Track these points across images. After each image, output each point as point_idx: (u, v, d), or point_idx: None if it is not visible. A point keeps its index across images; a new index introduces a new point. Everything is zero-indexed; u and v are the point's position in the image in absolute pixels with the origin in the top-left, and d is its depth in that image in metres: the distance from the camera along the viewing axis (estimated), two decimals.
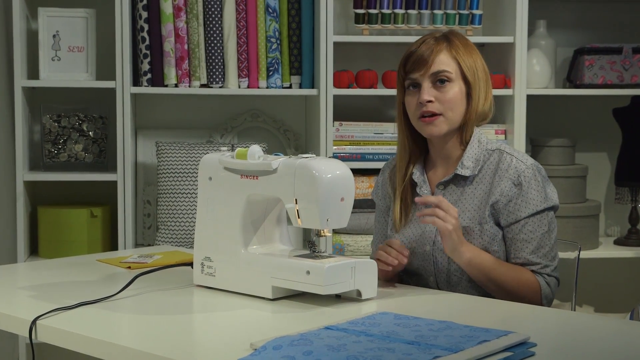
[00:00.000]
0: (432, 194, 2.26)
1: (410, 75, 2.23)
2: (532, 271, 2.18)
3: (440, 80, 2.19)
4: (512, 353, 1.58)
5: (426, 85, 2.20)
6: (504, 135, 3.57)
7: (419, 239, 2.24)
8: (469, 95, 2.22)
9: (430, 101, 2.19)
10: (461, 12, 3.54)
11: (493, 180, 2.20)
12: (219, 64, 3.45)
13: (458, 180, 2.24)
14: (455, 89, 2.20)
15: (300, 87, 3.54)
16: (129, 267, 2.36)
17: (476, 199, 2.20)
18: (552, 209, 2.21)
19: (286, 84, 3.53)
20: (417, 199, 2.14)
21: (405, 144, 2.29)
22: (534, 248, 2.18)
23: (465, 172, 2.22)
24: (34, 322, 1.81)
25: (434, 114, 2.19)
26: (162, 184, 3.44)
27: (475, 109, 2.22)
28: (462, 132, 2.25)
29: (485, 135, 2.29)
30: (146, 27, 3.42)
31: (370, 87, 3.53)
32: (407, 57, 2.24)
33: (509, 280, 2.13)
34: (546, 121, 3.91)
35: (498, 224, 2.20)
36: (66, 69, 3.45)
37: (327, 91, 3.44)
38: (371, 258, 2.38)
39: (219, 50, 3.45)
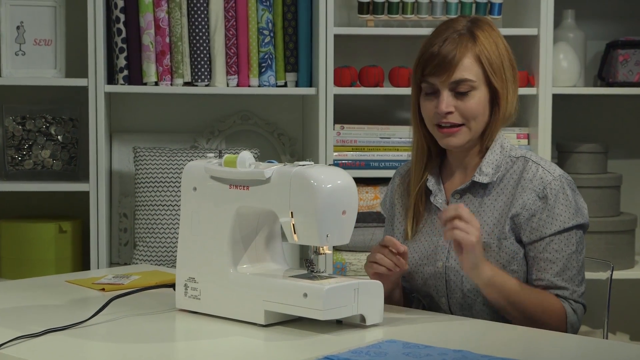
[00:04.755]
0: (447, 203, 2.27)
1: (427, 79, 2.22)
2: (557, 296, 2.18)
3: (461, 88, 2.20)
4: None
5: (446, 93, 2.20)
6: (527, 140, 3.58)
7: (431, 254, 2.25)
8: (493, 99, 2.23)
9: (449, 112, 2.20)
10: (478, 0, 3.55)
11: (515, 191, 2.20)
12: (205, 59, 3.46)
13: (476, 188, 2.25)
14: (478, 97, 2.20)
15: (297, 85, 3.55)
16: (103, 289, 2.37)
17: (495, 211, 2.21)
18: (582, 227, 2.21)
19: (281, 82, 3.54)
20: (439, 214, 2.13)
21: (422, 145, 2.30)
22: (559, 270, 2.18)
23: (484, 179, 2.22)
24: None
25: (454, 125, 2.20)
26: (140, 195, 3.45)
27: (503, 114, 2.23)
28: (485, 139, 2.25)
29: (509, 141, 2.29)
30: (122, 17, 3.43)
31: (376, 85, 3.54)
32: (427, 59, 2.21)
33: (532, 305, 2.14)
34: (575, 124, 3.92)
35: (519, 241, 2.20)
36: (32, 64, 3.46)
37: (326, 90, 3.44)
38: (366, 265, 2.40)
39: (204, 44, 3.46)
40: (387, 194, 2.43)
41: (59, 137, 3.54)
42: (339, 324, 2.00)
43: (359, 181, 3.42)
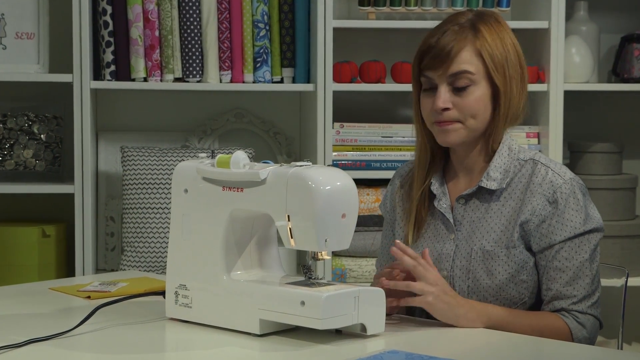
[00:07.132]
0: (452, 208, 2.27)
1: (425, 72, 2.23)
2: (562, 309, 2.17)
3: (460, 82, 2.20)
4: None
5: (443, 88, 2.20)
6: (537, 139, 3.58)
7: (434, 262, 2.24)
8: (496, 97, 2.23)
9: (446, 109, 2.20)
10: None
11: (524, 196, 2.20)
12: (197, 54, 3.46)
13: (482, 194, 2.25)
14: (478, 93, 2.21)
15: (294, 81, 3.55)
16: (89, 297, 2.37)
17: (503, 218, 2.21)
18: (596, 231, 2.20)
19: (277, 78, 3.54)
20: (392, 249, 2.13)
21: (426, 146, 2.30)
22: (568, 279, 2.17)
23: (492, 185, 2.22)
24: None
25: (451, 121, 2.21)
26: (128, 197, 3.45)
27: (505, 114, 2.23)
28: (489, 140, 2.25)
29: (517, 142, 2.29)
30: (109, 9, 3.43)
31: (377, 81, 3.54)
32: (424, 52, 2.23)
33: (529, 332, 2.13)
34: (587, 122, 3.92)
35: (529, 249, 2.20)
36: (13, 59, 3.46)
37: (325, 87, 3.45)
38: (374, 281, 2.40)
39: (196, 38, 3.46)
40: (386, 195, 2.44)
41: (42, 136, 3.55)
42: (339, 334, 2.00)
43: (360, 183, 3.42)
